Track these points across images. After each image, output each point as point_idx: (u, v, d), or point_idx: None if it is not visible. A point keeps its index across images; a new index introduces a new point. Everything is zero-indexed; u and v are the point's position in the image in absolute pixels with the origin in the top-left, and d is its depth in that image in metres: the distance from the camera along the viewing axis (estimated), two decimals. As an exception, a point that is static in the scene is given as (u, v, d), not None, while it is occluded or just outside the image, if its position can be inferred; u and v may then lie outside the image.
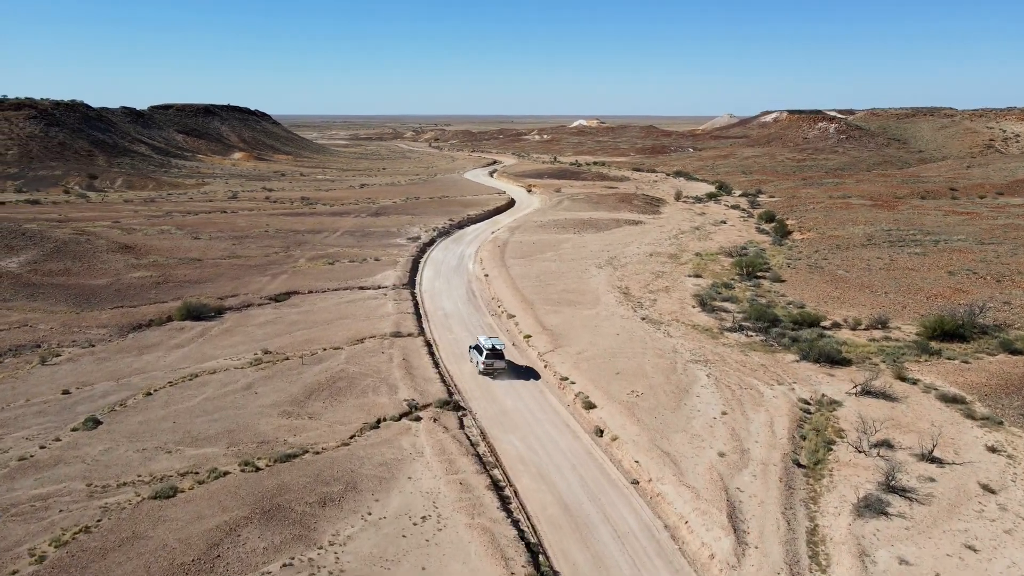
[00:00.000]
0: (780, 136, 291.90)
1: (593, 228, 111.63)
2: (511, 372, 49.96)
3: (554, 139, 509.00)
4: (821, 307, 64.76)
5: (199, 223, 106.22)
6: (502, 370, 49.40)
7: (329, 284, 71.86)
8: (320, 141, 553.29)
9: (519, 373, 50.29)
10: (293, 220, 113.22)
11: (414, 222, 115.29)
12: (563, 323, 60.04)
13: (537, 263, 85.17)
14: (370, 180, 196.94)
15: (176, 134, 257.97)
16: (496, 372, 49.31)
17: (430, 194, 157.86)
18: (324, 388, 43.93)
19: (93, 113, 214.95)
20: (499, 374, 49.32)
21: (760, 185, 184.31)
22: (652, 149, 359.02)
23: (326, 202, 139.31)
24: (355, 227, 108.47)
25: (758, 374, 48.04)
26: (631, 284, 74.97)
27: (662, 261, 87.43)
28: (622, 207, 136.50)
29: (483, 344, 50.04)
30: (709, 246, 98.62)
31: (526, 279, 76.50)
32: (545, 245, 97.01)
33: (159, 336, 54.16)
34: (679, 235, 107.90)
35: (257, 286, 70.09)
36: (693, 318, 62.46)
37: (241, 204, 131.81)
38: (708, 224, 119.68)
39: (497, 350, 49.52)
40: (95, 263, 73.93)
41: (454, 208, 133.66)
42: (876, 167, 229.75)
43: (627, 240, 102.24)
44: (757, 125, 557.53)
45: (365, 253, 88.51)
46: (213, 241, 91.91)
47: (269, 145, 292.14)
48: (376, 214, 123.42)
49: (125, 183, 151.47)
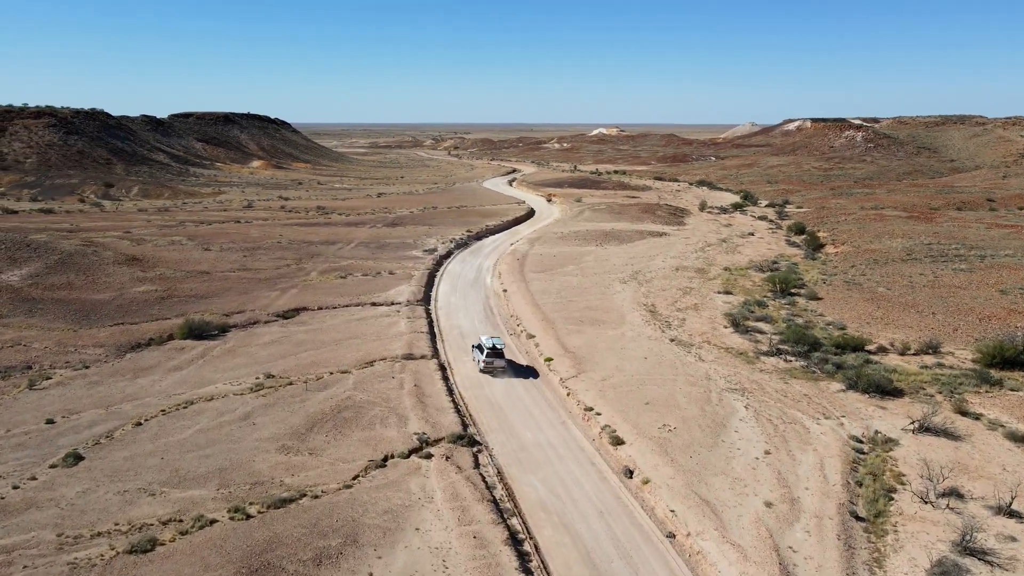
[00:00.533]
0: (805, 145, 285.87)
1: (616, 240, 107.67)
2: (511, 371, 51.25)
3: (574, 148, 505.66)
4: (864, 328, 60.28)
5: (211, 233, 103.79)
6: (502, 369, 50.84)
7: (340, 300, 68.60)
8: (340, 149, 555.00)
9: (519, 372, 51.72)
10: (307, 230, 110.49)
11: (431, 233, 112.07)
12: (586, 345, 56.19)
13: (558, 277, 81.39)
14: (388, 189, 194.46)
15: (195, 142, 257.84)
16: (496, 371, 50.72)
17: (448, 203, 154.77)
18: (328, 419, 40.43)
19: (113, 121, 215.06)
20: (499, 372, 50.72)
21: (787, 195, 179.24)
22: (673, 158, 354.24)
23: (342, 211, 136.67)
24: (370, 238, 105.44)
25: (801, 405, 43.85)
26: (658, 301, 70.94)
27: (689, 276, 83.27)
28: (645, 218, 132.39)
29: (484, 343, 51.53)
30: (738, 260, 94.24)
31: (546, 295, 72.77)
32: (566, 258, 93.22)
33: (157, 357, 51.06)
34: (705, 248, 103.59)
35: (265, 301, 67.00)
36: (726, 340, 58.32)
37: (256, 213, 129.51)
38: (735, 236, 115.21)
39: (497, 349, 51.00)
40: (99, 276, 71.32)
41: (472, 218, 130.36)
42: (906, 176, 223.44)
43: (651, 253, 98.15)
44: (780, 133, 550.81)
45: (379, 266, 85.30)
46: (224, 252, 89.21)
47: (288, 153, 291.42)
48: (392, 224, 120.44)
49: (141, 191, 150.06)
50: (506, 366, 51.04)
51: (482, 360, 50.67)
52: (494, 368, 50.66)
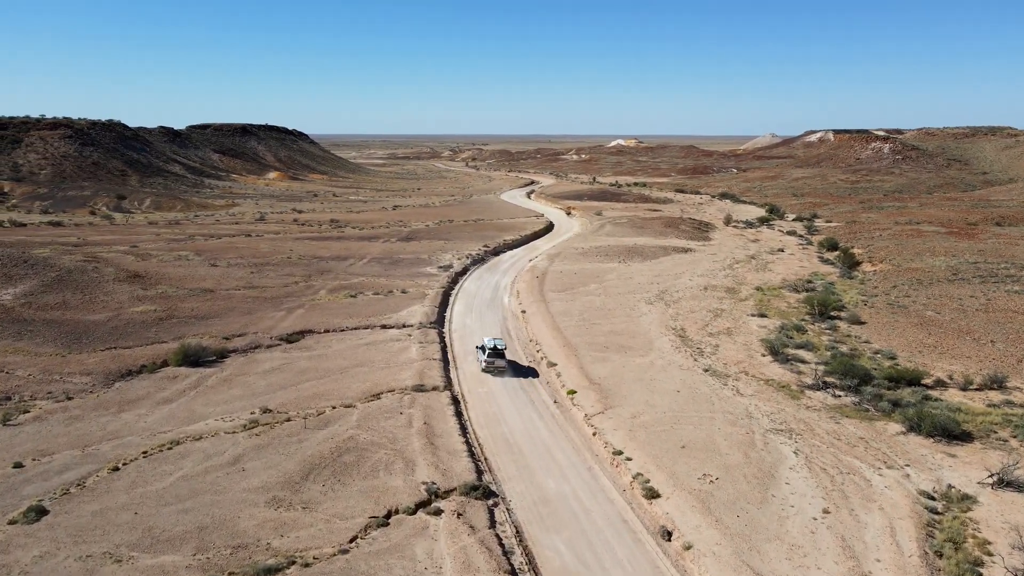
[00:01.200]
0: (830, 156, 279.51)
1: (639, 256, 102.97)
2: (511, 370, 53.48)
3: (592, 159, 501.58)
4: (916, 358, 55.14)
5: (220, 248, 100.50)
6: (502, 368, 53.04)
7: (349, 321, 64.53)
8: (358, 160, 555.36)
9: (520, 372, 54.11)
10: (319, 245, 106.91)
11: (446, 248, 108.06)
12: (612, 375, 51.58)
13: (580, 297, 76.87)
14: (403, 201, 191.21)
15: (212, 153, 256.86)
16: (496, 370, 52.93)
17: (464, 217, 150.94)
18: (327, 464, 36.14)
19: (129, 133, 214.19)
20: (499, 372, 52.87)
21: (814, 208, 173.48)
22: (694, 169, 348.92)
23: (356, 225, 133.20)
24: (383, 253, 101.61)
25: (858, 451, 38.91)
26: (687, 325, 66.16)
27: (719, 296, 78.39)
28: (669, 232, 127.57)
29: (486, 344, 54.35)
30: (769, 278, 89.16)
31: (568, 317, 68.26)
32: (588, 276, 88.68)
33: (147, 387, 47.14)
34: (734, 265, 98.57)
35: (269, 323, 63.10)
36: (764, 370, 53.44)
37: (267, 227, 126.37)
38: (764, 252, 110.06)
39: (498, 350, 53.66)
40: (97, 295, 67.88)
41: (489, 232, 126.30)
42: (937, 189, 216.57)
43: (677, 271, 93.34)
44: (802, 145, 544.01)
45: (392, 284, 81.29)
46: (231, 269, 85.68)
47: (305, 165, 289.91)
48: (407, 239, 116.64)
49: (153, 204, 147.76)
50: (506, 366, 53.30)
51: (483, 360, 53.27)
52: (495, 367, 52.93)
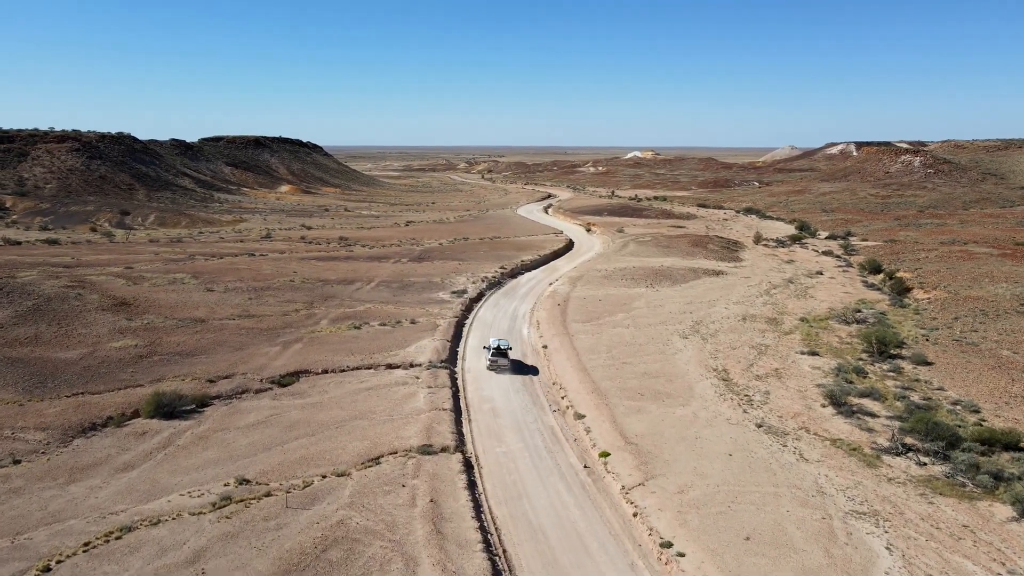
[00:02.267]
0: (858, 170, 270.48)
1: (668, 280, 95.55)
2: (511, 368, 58.35)
3: (609, 171, 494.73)
4: (1004, 411, 47.39)
5: (219, 269, 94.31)
6: (505, 367, 58.04)
7: (350, 359, 57.68)
8: (373, 172, 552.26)
9: (523, 370, 59.12)
10: (324, 266, 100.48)
11: (461, 269, 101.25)
12: (651, 431, 44.28)
13: (606, 329, 69.64)
14: (417, 216, 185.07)
15: (224, 166, 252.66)
16: (500, 368, 58.04)
17: (480, 234, 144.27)
18: (307, 564, 29.06)
19: (139, 146, 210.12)
20: (502, 370, 57.95)
21: (847, 225, 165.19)
22: (714, 183, 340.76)
23: (366, 243, 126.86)
24: (393, 276, 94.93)
25: (966, 547, 31.34)
26: (729, 364, 58.71)
27: (760, 329, 70.85)
28: (696, 252, 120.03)
29: (491, 344, 59.55)
30: (813, 307, 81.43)
31: (595, 354, 61.03)
32: (614, 303, 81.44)
33: (109, 447, 40.45)
34: (771, 291, 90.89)
35: (261, 360, 56.41)
36: (828, 425, 45.89)
37: (273, 245, 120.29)
38: (802, 276, 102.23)
39: (502, 349, 58.73)
40: (75, 327, 61.58)
41: (506, 252, 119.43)
42: (973, 205, 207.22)
43: (710, 296, 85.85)
44: (824, 158, 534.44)
45: (400, 312, 74.51)
46: (228, 294, 79.33)
47: (318, 177, 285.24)
48: (419, 259, 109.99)
49: (157, 220, 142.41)
50: (509, 364, 58.25)
51: (487, 359, 58.65)
52: (499, 366, 58.03)
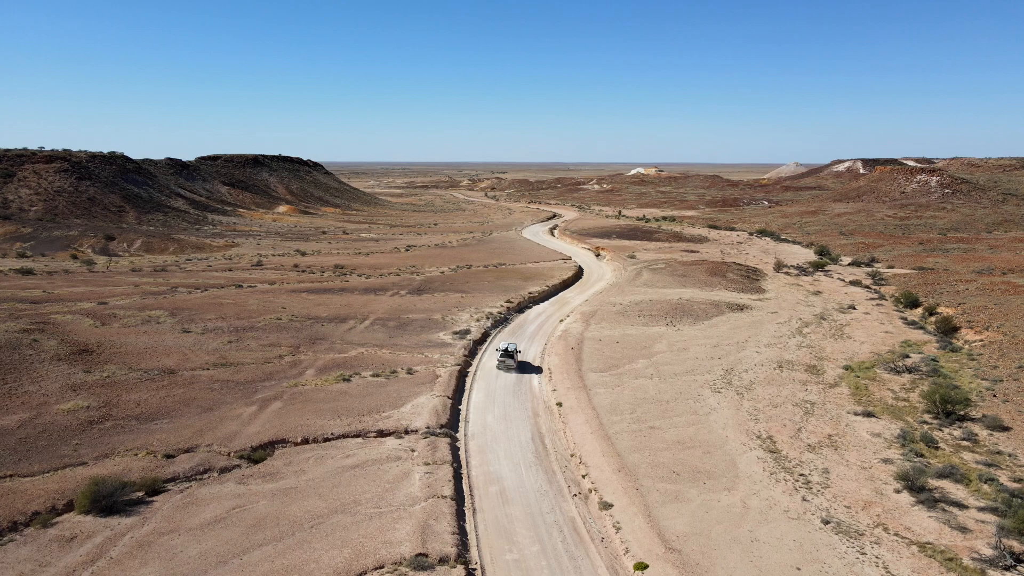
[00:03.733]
0: (872, 190, 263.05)
1: (689, 317, 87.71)
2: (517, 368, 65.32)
3: (614, 189, 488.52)
4: (1117, 501, 39.28)
5: (201, 304, 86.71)
6: (511, 366, 64.76)
7: (335, 424, 49.83)
8: (376, 189, 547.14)
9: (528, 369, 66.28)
10: (316, 300, 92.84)
11: (463, 303, 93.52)
12: (694, 530, 36.30)
13: (627, 380, 61.75)
14: (418, 240, 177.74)
15: (221, 186, 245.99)
16: (507, 368, 64.89)
17: (484, 260, 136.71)
18: None
19: (132, 165, 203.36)
20: (509, 369, 64.80)
21: (869, 250, 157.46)
22: (723, 202, 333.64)
23: (363, 271, 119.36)
24: (390, 312, 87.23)
25: None
26: (774, 429, 50.77)
27: (801, 379, 62.92)
28: (715, 283, 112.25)
29: (500, 347, 66.74)
30: (853, 349, 73.51)
31: (617, 415, 53.13)
32: (633, 345, 73.61)
33: (24, 560, 32.52)
34: (803, 329, 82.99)
35: (232, 426, 48.60)
36: (908, 520, 37.86)
37: (263, 274, 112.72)
38: (833, 310, 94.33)
39: (509, 352, 65.40)
40: (22, 382, 53.86)
41: (512, 281, 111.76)
42: (996, 227, 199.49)
43: (738, 337, 78.00)
44: (831, 175, 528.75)
45: (396, 359, 66.75)
46: (205, 336, 71.65)
47: (317, 197, 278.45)
48: (419, 291, 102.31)
49: (144, 245, 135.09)
50: (515, 364, 65.29)
51: (497, 359, 66.18)
52: (506, 366, 65.21)
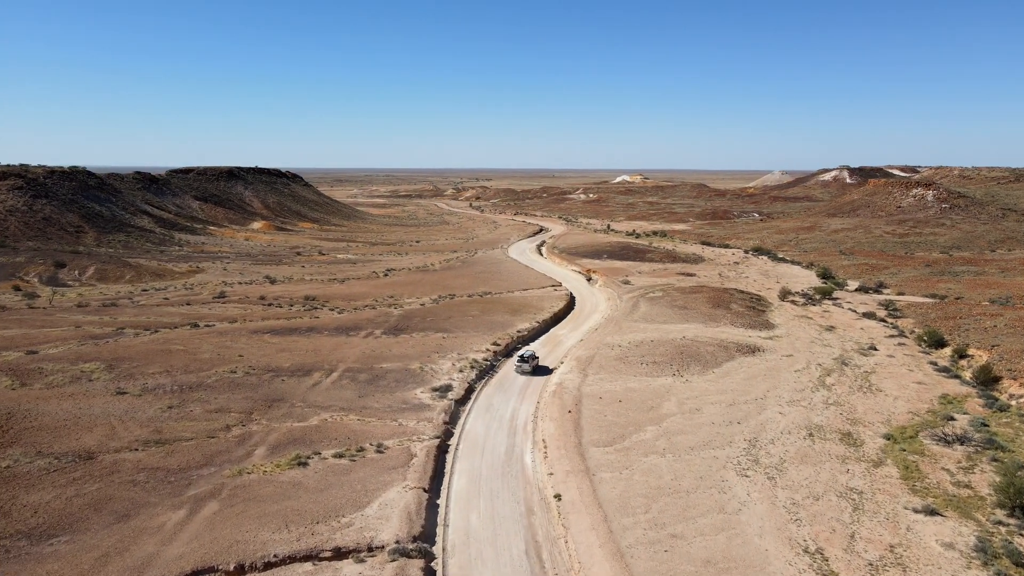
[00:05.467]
0: (867, 204, 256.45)
1: (696, 362, 78.57)
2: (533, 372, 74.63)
3: (601, 199, 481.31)
4: None
5: (147, 352, 76.37)
6: (527, 371, 74.22)
7: (281, 539, 39.82)
8: (359, 199, 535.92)
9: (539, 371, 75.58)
10: (280, 345, 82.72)
11: (445, 347, 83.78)
12: None
13: (636, 459, 52.30)
14: (399, 262, 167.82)
15: (193, 201, 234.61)
16: (523, 372, 74.27)
17: (469, 288, 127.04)
18: None
19: (94, 181, 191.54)
20: (525, 373, 74.11)
21: (873, 272, 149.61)
22: (713, 214, 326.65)
23: (336, 303, 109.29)
24: (362, 360, 77.32)
25: None
26: (821, 535, 41.46)
27: (839, 453, 53.81)
28: (719, 315, 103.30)
29: (520, 353, 77.62)
30: (888, 408, 64.61)
31: (629, 515, 43.64)
32: (638, 405, 64.26)
33: None
34: (825, 379, 74.11)
35: (149, 546, 38.51)
36: None
37: (224, 309, 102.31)
38: (852, 351, 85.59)
39: (525, 357, 75.61)
40: None
41: (499, 315, 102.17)
42: (999, 244, 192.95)
43: (755, 390, 68.95)
44: (819, 185, 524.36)
45: (365, 429, 56.90)
46: (142, 399, 61.44)
47: (295, 211, 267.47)
48: (396, 330, 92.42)
49: (97, 273, 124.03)
50: (531, 369, 74.16)
51: (516, 364, 75.37)
52: (523, 370, 73.97)
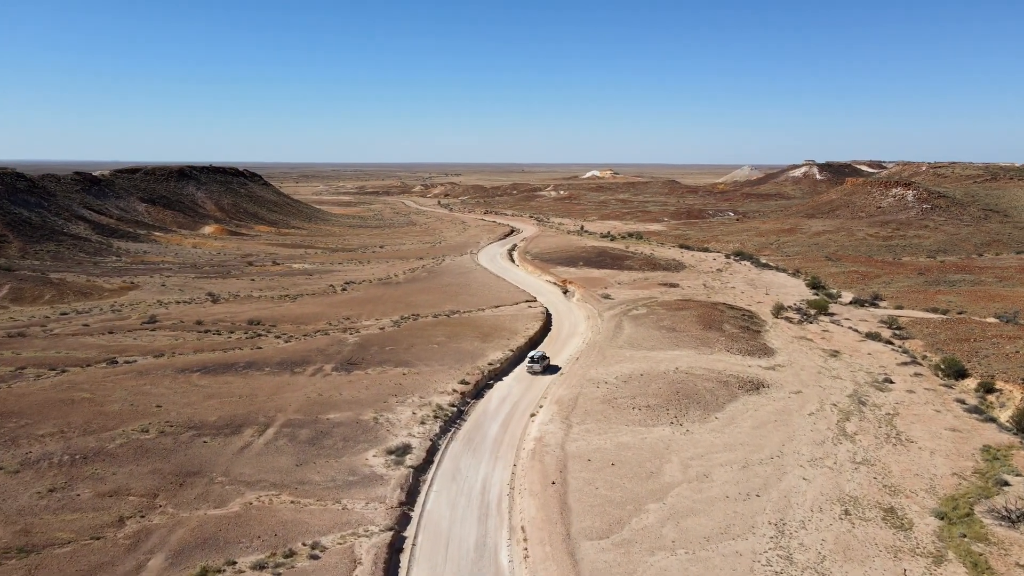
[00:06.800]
0: (847, 204, 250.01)
1: (695, 404, 68.16)
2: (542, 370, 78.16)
3: (572, 196, 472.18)
4: None
5: (44, 404, 63.48)
6: (538, 371, 77.91)
7: None
8: (324, 196, 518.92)
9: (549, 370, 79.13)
10: (210, 388, 70.29)
11: (405, 387, 72.15)
12: None
13: (641, 563, 41.39)
14: (360, 271, 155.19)
15: (139, 204, 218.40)
16: (534, 372, 78.00)
17: (434, 304, 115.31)
18: None
19: (23, 184, 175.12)
20: (535, 373, 77.86)
21: (865, 281, 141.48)
22: (688, 213, 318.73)
23: (284, 327, 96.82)
24: (306, 409, 65.32)
25: None
26: None
27: (890, 545, 43.59)
28: (712, 339, 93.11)
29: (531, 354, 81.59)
30: (928, 469, 54.77)
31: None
32: (635, 471, 53.46)
33: None
34: (844, 425, 64.23)
35: None
36: None
37: (153, 339, 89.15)
38: (865, 384, 76.07)
39: (535, 359, 79.39)
40: None
41: (467, 342, 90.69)
42: (986, 248, 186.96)
43: (768, 445, 58.68)
44: (789, 181, 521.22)
45: (298, 518, 45.17)
46: (17, 479, 48.86)
47: (251, 213, 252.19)
48: (349, 363, 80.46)
49: (12, 293, 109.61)
50: (541, 370, 78.31)
51: (527, 365, 79.58)
52: (534, 371, 78.09)
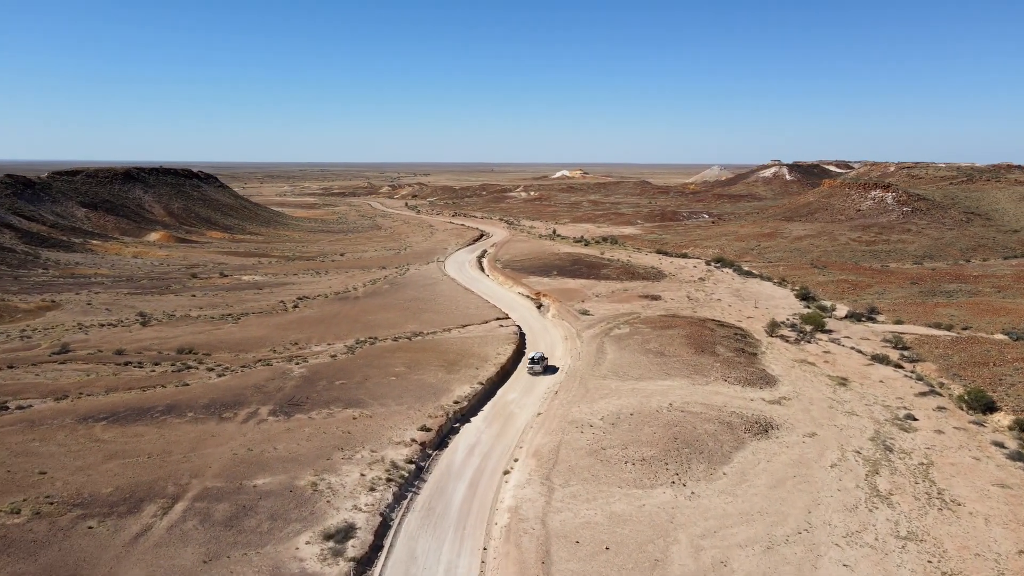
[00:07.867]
0: (825, 207, 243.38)
1: (699, 456, 57.62)
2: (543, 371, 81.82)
3: (542, 197, 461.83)
4: None
5: None
6: (539, 372, 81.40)
7: None
8: (288, 197, 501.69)
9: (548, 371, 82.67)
10: (113, 445, 57.67)
11: (354, 437, 60.41)
12: None
13: None
14: (315, 284, 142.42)
15: (78, 208, 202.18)
16: (535, 373, 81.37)
17: (395, 325, 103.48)
18: None
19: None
20: (536, 373, 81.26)
21: (857, 291, 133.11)
22: (662, 215, 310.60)
23: (218, 358, 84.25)
24: (228, 473, 53.16)
25: None
26: None
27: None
28: (706, 365, 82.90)
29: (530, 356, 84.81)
30: (987, 546, 44.87)
31: None
32: (635, 561, 42.54)
33: None
34: (875, 480, 54.24)
35: None
36: None
37: (59, 375, 75.93)
38: (888, 424, 66.45)
39: (535, 359, 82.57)
40: None
41: (430, 372, 79.22)
42: (971, 252, 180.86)
43: (795, 518, 48.30)
44: (760, 182, 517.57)
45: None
46: None
47: (204, 218, 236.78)
48: (290, 404, 68.44)
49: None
50: (542, 370, 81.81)
51: (527, 365, 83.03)
52: (534, 372, 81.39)
